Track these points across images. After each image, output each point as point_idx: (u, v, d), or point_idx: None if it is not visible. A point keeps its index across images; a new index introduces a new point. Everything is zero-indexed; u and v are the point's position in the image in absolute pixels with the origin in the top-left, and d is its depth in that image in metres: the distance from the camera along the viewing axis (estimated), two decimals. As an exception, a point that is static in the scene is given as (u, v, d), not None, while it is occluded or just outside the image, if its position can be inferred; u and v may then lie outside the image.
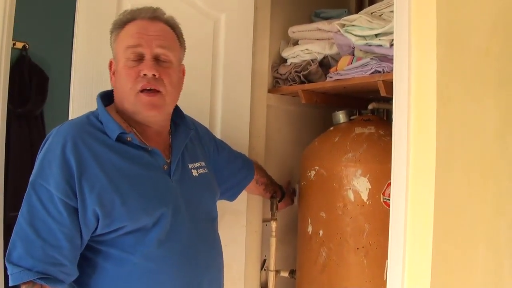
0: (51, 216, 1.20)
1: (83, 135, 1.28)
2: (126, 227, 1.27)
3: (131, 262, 1.28)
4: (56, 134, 1.29)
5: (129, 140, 1.33)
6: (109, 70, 1.43)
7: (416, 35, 1.33)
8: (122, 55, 1.36)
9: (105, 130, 1.33)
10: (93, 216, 1.24)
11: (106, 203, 1.24)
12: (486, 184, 1.49)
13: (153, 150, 1.38)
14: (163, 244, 1.32)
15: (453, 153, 1.35)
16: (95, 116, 1.36)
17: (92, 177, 1.24)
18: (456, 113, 1.37)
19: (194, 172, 1.50)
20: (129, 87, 1.34)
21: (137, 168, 1.33)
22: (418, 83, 1.32)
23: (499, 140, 1.54)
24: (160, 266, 1.31)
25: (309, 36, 2.14)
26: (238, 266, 2.03)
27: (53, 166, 1.23)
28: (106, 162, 1.28)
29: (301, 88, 2.07)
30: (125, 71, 1.35)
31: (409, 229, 1.31)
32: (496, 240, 1.53)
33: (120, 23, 1.39)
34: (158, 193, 1.35)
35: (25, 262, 1.17)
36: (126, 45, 1.36)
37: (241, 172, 1.82)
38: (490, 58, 1.50)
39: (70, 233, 1.22)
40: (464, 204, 1.41)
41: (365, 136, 1.84)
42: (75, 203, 1.22)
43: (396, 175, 1.35)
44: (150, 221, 1.30)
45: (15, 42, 2.33)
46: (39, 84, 2.50)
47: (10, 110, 1.65)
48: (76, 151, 1.24)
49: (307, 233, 1.90)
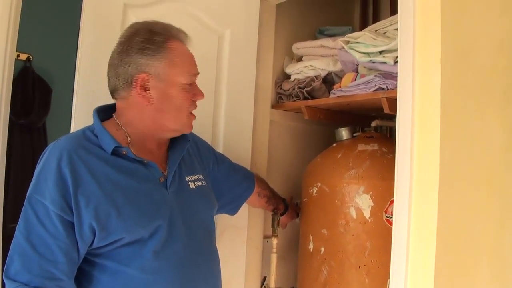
0: (48, 231, 1.21)
1: (79, 149, 1.29)
2: (123, 239, 1.27)
3: (127, 274, 1.28)
4: (52, 148, 1.29)
5: (124, 153, 1.33)
6: (137, 84, 1.35)
7: (420, 52, 1.33)
8: (179, 79, 1.38)
9: (101, 144, 1.33)
10: (90, 230, 1.24)
11: (102, 217, 1.24)
12: (490, 201, 1.48)
13: (149, 163, 1.38)
14: (159, 256, 1.32)
15: (457, 171, 1.34)
16: (91, 131, 1.37)
17: (88, 191, 1.24)
18: (460, 130, 1.36)
19: (191, 185, 1.50)
20: (186, 109, 1.41)
21: (132, 181, 1.33)
22: (422, 101, 1.31)
23: (504, 157, 1.53)
24: (156, 278, 1.31)
25: (313, 52, 2.15)
26: (238, 283, 2.01)
27: (48, 180, 1.23)
28: (102, 176, 1.28)
29: (304, 104, 2.06)
30: (183, 95, 1.39)
31: (412, 248, 1.30)
32: (500, 258, 1.51)
33: (159, 42, 1.37)
34: (154, 205, 1.35)
35: (22, 277, 1.18)
36: (188, 72, 1.40)
37: (241, 185, 1.81)
38: (496, 76, 1.50)
39: (67, 248, 1.22)
40: (468, 223, 1.40)
41: (368, 153, 1.84)
42: (71, 217, 1.23)
43: (399, 193, 1.35)
44: (146, 233, 1.30)
45: (19, 54, 2.33)
46: (42, 96, 2.50)
47: (12, 121, 1.64)
48: (72, 165, 1.25)
49: (308, 250, 1.89)
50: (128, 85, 1.36)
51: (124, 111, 1.40)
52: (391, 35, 1.77)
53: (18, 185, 2.25)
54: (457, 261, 1.35)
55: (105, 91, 1.55)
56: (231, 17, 2.04)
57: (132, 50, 1.35)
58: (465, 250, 1.39)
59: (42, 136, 2.58)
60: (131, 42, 1.35)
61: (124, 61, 1.35)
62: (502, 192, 1.52)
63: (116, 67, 1.36)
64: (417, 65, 1.33)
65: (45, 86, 2.52)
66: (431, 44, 1.30)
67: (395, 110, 1.40)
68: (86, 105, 1.64)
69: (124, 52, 1.35)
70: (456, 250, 1.35)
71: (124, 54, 1.35)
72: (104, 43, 1.61)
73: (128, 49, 1.35)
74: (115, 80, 1.37)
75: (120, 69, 1.36)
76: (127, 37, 1.37)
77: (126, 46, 1.35)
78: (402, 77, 1.37)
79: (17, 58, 2.26)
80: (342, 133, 2.03)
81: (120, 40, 1.39)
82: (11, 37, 1.51)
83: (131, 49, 1.35)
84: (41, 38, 2.46)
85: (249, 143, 2.08)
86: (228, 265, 1.56)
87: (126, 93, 1.37)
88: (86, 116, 1.62)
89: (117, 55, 1.37)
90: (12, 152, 2.31)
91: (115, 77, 1.38)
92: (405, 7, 1.38)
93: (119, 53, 1.36)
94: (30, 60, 2.45)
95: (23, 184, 2.22)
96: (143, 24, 1.41)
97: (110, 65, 1.39)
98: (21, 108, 2.39)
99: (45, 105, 2.53)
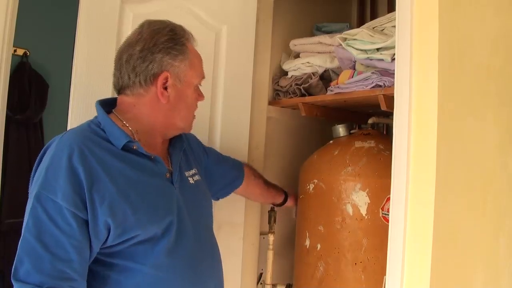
0: (60, 229, 1.16)
1: (89, 144, 1.25)
2: (138, 237, 1.26)
3: (142, 273, 1.27)
4: (60, 143, 1.25)
5: (134, 148, 1.32)
6: (160, 83, 1.36)
7: (417, 50, 1.33)
8: (195, 81, 1.45)
9: (109, 138, 1.31)
10: (105, 227, 1.21)
11: (117, 214, 1.22)
12: (485, 200, 1.48)
13: (156, 158, 1.37)
14: (171, 253, 1.31)
15: (453, 169, 1.35)
16: (95, 124, 1.34)
17: (102, 188, 1.21)
18: (457, 129, 1.37)
19: (191, 180, 1.50)
20: (194, 109, 1.49)
21: (143, 176, 1.32)
22: (419, 98, 1.31)
23: (499, 157, 1.54)
24: (169, 274, 1.30)
25: (310, 49, 2.15)
26: (234, 279, 2.01)
27: (59, 177, 1.19)
28: (114, 171, 1.26)
29: (301, 101, 2.06)
30: (194, 96, 1.46)
31: (408, 245, 1.30)
32: (495, 256, 1.52)
33: (182, 43, 1.40)
34: (165, 201, 1.35)
35: (34, 278, 1.13)
36: (201, 74, 1.47)
37: (231, 172, 1.82)
38: (491, 75, 1.51)
39: (80, 246, 1.18)
40: (464, 220, 1.40)
41: (365, 150, 1.84)
42: (85, 214, 1.19)
43: (395, 190, 1.35)
44: (159, 229, 1.30)
45: (16, 49, 2.33)
46: (39, 91, 2.50)
47: (9, 116, 1.64)
48: (84, 160, 1.21)
49: (304, 246, 1.89)
50: (148, 83, 1.35)
51: (132, 107, 1.38)
52: (389, 32, 1.77)
53: (14, 180, 2.24)
54: (453, 258, 1.36)
55: (102, 87, 1.55)
56: (228, 13, 2.03)
57: (157, 48, 1.35)
58: (461, 245, 1.40)
59: (39, 132, 2.59)
60: (156, 40, 1.35)
61: (148, 59, 1.34)
62: (497, 189, 1.53)
63: (136, 64, 1.35)
64: (414, 62, 1.33)
65: (42, 82, 2.53)
66: (428, 41, 1.30)
67: (392, 107, 1.40)
68: (83, 101, 1.63)
69: (148, 50, 1.34)
70: (452, 247, 1.35)
71: (148, 51, 1.34)
72: (101, 39, 1.60)
73: (153, 47, 1.34)
74: (134, 77, 1.35)
75: (141, 66, 1.34)
76: (150, 35, 1.36)
77: (151, 44, 1.35)
78: (399, 74, 1.37)
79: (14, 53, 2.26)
80: (339, 130, 2.03)
81: (139, 37, 1.37)
82: (8, 32, 1.51)
83: (156, 47, 1.35)
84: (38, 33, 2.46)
85: (246, 139, 2.07)
86: (224, 262, 1.56)
87: (144, 90, 1.36)
88: (82, 112, 1.62)
89: (138, 52, 1.35)
90: (9, 147, 2.31)
91: (133, 74, 1.35)
92: (402, 4, 1.37)
93: (141, 50, 1.34)
94: (27, 55, 2.45)
95: (19, 179, 2.23)
96: (164, 23, 1.41)
97: (126, 61, 1.36)
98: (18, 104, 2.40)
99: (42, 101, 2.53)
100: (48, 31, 2.48)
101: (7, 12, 1.50)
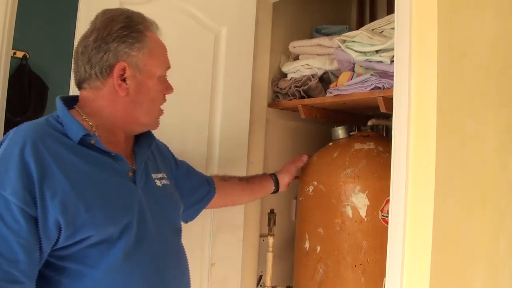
0: (7, 226, 1.06)
1: (43, 137, 1.16)
2: (91, 238, 1.15)
3: (93, 277, 1.16)
4: (14, 135, 1.16)
5: (92, 143, 1.23)
6: (116, 74, 1.28)
7: (416, 51, 1.33)
8: (157, 71, 1.34)
9: (67, 132, 1.22)
10: (55, 226, 1.11)
11: (69, 211, 1.12)
12: (485, 200, 1.49)
13: (117, 155, 1.29)
14: (130, 256, 1.22)
15: (453, 170, 1.35)
16: (54, 118, 1.25)
17: (54, 183, 1.11)
18: (456, 130, 1.37)
19: (158, 182, 1.42)
20: (158, 102, 1.38)
21: (101, 173, 1.23)
22: (418, 100, 1.31)
23: (499, 157, 1.54)
24: (126, 280, 1.21)
25: (309, 51, 2.15)
26: (234, 282, 2.01)
27: (9, 170, 1.09)
28: (69, 166, 1.16)
29: (300, 103, 2.07)
30: (157, 87, 1.35)
31: (408, 247, 1.30)
32: (495, 256, 1.52)
33: (139, 30, 1.31)
34: (123, 200, 1.26)
35: None
36: (164, 63, 1.37)
37: (202, 187, 1.73)
38: (491, 76, 1.51)
39: (28, 245, 1.07)
40: (463, 221, 1.40)
41: (364, 152, 1.84)
42: (35, 211, 1.08)
43: (395, 192, 1.35)
44: (116, 230, 1.20)
45: (16, 51, 2.33)
46: (39, 94, 2.50)
47: (8, 118, 1.64)
48: (37, 153, 1.12)
49: (304, 249, 1.89)
50: (104, 75, 1.27)
51: (91, 101, 1.30)
52: (388, 34, 1.77)
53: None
54: (452, 260, 1.36)
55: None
56: (228, 15, 2.04)
57: (111, 37, 1.27)
58: (461, 247, 1.40)
59: (38, 134, 2.58)
60: (110, 29, 1.27)
61: (102, 49, 1.26)
62: (497, 190, 1.53)
63: (91, 55, 1.27)
64: (414, 64, 1.33)
65: (42, 84, 2.52)
66: (427, 43, 1.30)
67: (391, 109, 1.40)
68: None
69: (102, 39, 1.26)
70: (452, 249, 1.35)
71: (102, 41, 1.26)
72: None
73: (107, 37, 1.26)
74: (89, 69, 1.27)
75: (96, 57, 1.27)
76: (104, 23, 1.28)
77: (105, 33, 1.26)
78: (398, 76, 1.37)
79: (13, 55, 2.26)
80: (338, 132, 2.03)
81: (94, 27, 1.29)
82: (7, 34, 1.51)
83: (110, 37, 1.27)
84: (38, 36, 2.45)
85: (245, 141, 2.08)
86: (224, 264, 1.56)
87: (100, 83, 1.28)
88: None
89: (92, 42, 1.27)
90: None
91: (88, 66, 1.27)
92: (401, 6, 1.38)
93: (95, 40, 1.26)
94: (26, 58, 2.44)
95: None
96: (119, 10, 1.34)
97: (82, 53, 1.28)
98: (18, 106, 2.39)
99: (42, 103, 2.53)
100: (48, 33, 2.48)
101: (6, 14, 1.50)
